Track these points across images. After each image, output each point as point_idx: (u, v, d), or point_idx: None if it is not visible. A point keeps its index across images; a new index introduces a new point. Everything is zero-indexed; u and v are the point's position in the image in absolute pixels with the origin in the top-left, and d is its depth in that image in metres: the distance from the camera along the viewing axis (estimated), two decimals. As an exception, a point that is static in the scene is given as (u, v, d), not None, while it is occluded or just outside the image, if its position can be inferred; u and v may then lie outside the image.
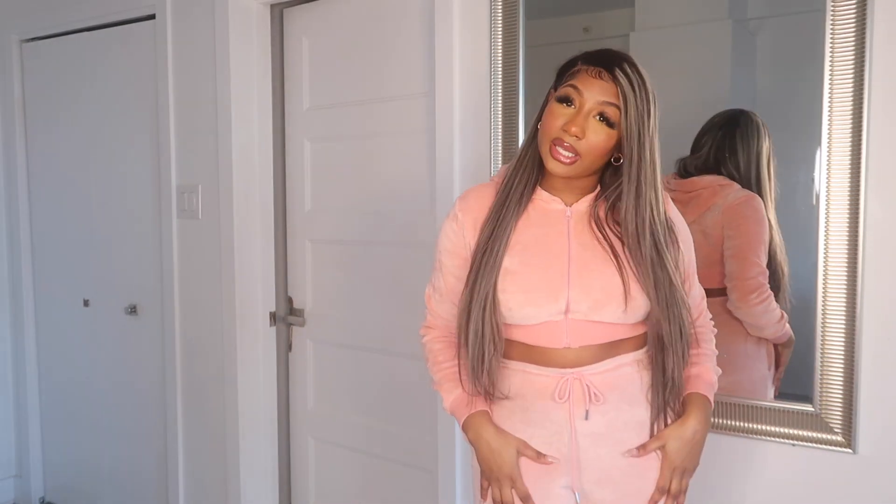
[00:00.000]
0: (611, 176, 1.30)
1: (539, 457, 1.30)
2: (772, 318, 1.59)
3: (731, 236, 1.61)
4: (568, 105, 1.23)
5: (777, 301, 1.58)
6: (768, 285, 1.58)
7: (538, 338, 1.30)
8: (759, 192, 1.59)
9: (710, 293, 1.43)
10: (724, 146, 1.62)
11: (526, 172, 1.32)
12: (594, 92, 1.21)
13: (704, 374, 1.35)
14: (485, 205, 1.34)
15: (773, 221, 1.58)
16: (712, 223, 1.62)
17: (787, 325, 1.58)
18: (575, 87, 1.23)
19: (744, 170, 1.60)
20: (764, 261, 1.58)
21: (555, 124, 1.23)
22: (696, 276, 1.38)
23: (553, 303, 1.27)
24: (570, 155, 1.22)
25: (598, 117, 1.22)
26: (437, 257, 1.41)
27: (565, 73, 1.27)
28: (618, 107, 1.21)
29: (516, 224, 1.30)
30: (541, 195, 1.33)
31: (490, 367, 1.30)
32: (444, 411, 1.40)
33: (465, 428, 1.35)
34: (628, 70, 1.20)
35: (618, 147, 1.25)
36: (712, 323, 1.43)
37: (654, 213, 1.25)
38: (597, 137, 1.22)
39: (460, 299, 1.33)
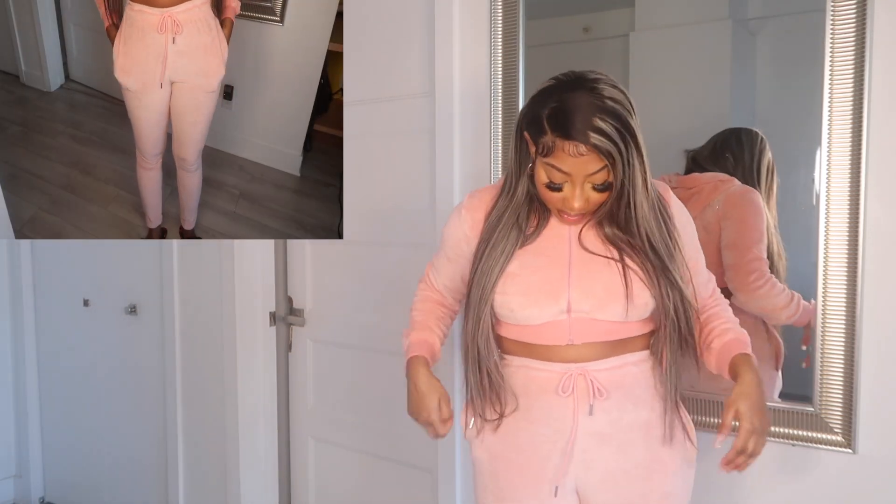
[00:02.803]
0: None
1: (444, 422, 1.35)
2: (779, 301, 1.55)
3: (727, 226, 1.59)
4: (558, 189, 1.22)
5: None
6: (768, 270, 1.55)
7: (541, 336, 1.30)
8: (759, 188, 1.58)
9: None
10: (730, 140, 1.61)
11: (517, 208, 1.31)
12: (579, 170, 1.18)
13: (740, 336, 1.33)
14: (488, 208, 1.35)
15: (772, 220, 1.58)
16: (712, 217, 1.61)
17: (804, 302, 1.52)
18: (558, 170, 1.20)
19: (747, 161, 1.59)
20: (763, 252, 1.56)
21: (552, 200, 1.25)
22: (703, 263, 1.38)
23: (554, 303, 1.28)
24: (579, 216, 1.27)
25: (591, 185, 1.21)
26: (441, 237, 1.44)
27: (537, 125, 1.20)
28: (607, 165, 1.18)
29: (511, 257, 1.30)
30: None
31: (497, 387, 1.33)
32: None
33: (406, 366, 1.40)
34: (601, 124, 1.14)
35: None
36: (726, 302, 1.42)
37: (644, 203, 1.24)
38: (598, 195, 1.23)
39: (462, 335, 1.36)
